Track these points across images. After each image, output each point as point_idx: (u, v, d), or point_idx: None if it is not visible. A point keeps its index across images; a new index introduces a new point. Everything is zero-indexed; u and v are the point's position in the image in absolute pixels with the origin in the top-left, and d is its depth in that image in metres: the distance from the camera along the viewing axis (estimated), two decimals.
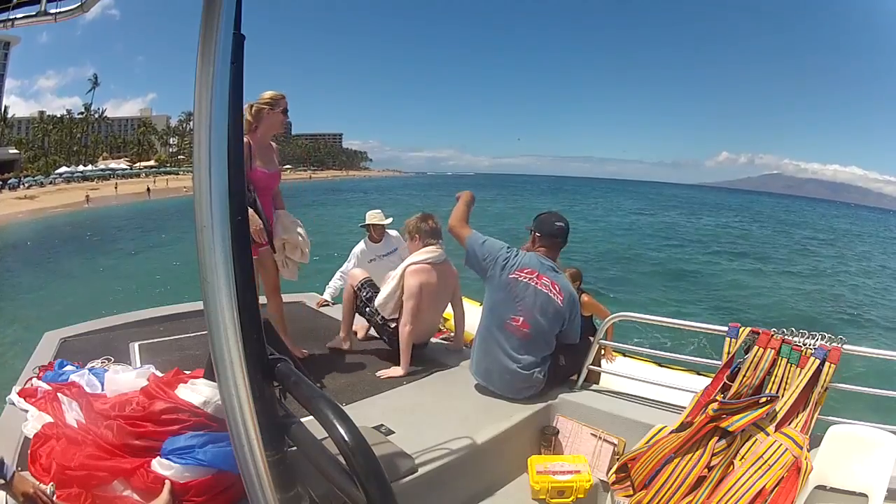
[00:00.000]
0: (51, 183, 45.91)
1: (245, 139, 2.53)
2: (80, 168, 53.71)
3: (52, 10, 1.37)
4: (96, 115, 65.58)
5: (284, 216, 2.85)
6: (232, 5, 0.78)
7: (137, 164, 62.43)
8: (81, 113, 64.41)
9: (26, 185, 43.37)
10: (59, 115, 62.57)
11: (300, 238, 2.84)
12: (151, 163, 64.50)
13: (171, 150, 70.80)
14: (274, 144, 2.87)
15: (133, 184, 50.65)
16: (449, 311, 5.04)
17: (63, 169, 51.66)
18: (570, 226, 2.59)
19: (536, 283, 2.45)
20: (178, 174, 58.72)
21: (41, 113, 61.90)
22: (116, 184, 49.23)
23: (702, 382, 2.10)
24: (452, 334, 3.56)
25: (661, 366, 3.97)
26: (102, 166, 56.75)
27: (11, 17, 1.38)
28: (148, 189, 46.28)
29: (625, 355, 3.88)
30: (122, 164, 59.63)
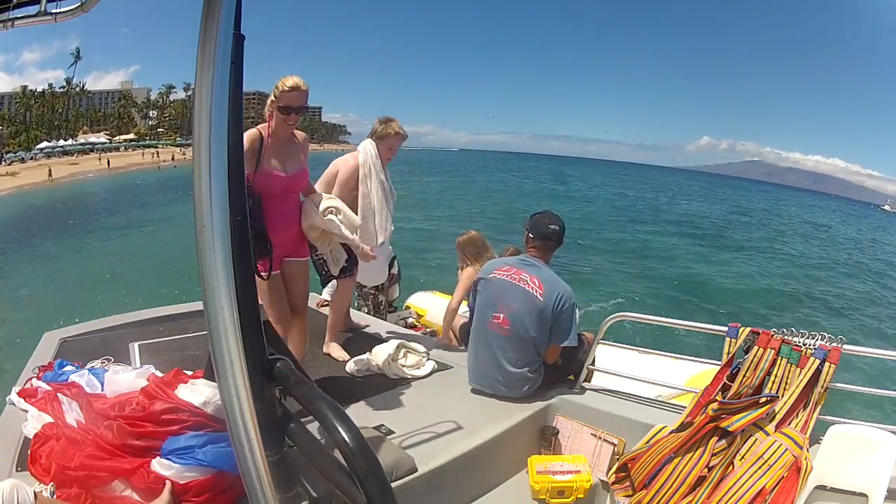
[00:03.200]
0: (32, 158, 45.85)
1: (256, 131, 2.22)
2: (61, 143, 53.42)
3: (53, 10, 1.37)
4: (77, 89, 64.85)
5: (306, 203, 2.43)
6: (232, 5, 0.78)
7: (117, 138, 62.08)
8: (63, 87, 63.72)
9: (8, 161, 43.24)
10: (40, 90, 61.99)
11: (328, 221, 2.39)
12: (131, 136, 64.03)
13: (150, 122, 70.05)
14: (300, 136, 2.41)
15: (110, 158, 50.99)
16: (422, 306, 4.95)
17: (44, 144, 51.37)
18: (565, 227, 2.57)
19: (515, 280, 2.44)
20: (156, 147, 58.94)
21: (24, 87, 61.26)
22: (100, 157, 49.88)
23: (693, 367, 2.09)
24: (429, 330, 3.53)
25: (644, 352, 3.94)
26: (82, 140, 56.50)
27: (11, 17, 1.38)
28: (108, 162, 47.38)
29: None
30: (101, 138, 59.27)
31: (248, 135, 2.17)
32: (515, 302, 2.40)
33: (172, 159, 51.32)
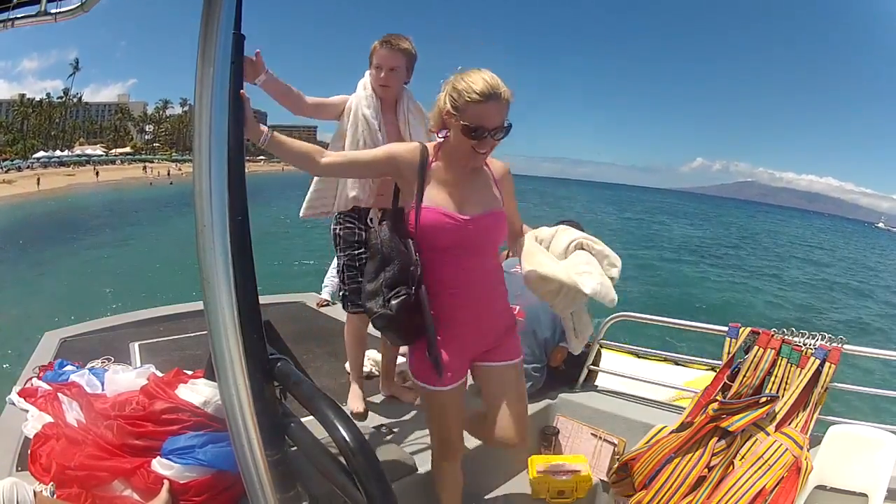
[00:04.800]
0: (28, 167, 46.48)
1: (419, 146, 1.49)
2: (57, 153, 53.95)
3: (53, 10, 1.36)
4: (75, 100, 65.24)
5: (528, 242, 1.56)
6: (232, 5, 0.78)
7: (113, 151, 62.69)
8: (61, 97, 64.08)
9: (5, 169, 43.74)
10: (38, 99, 62.36)
11: (574, 262, 1.46)
12: (127, 150, 64.71)
13: (146, 137, 70.51)
14: (497, 166, 1.55)
15: (106, 171, 51.62)
16: None
17: (41, 154, 52.01)
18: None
19: None
20: (152, 161, 59.66)
21: (21, 96, 61.65)
22: (96, 169, 50.77)
23: (693, 373, 2.09)
24: None
25: (647, 360, 3.94)
26: (79, 152, 57.01)
27: (11, 17, 1.38)
28: (97, 173, 48.36)
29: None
30: (97, 151, 59.81)
31: (405, 149, 1.49)
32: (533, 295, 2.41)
33: (168, 174, 51.76)
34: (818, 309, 13.87)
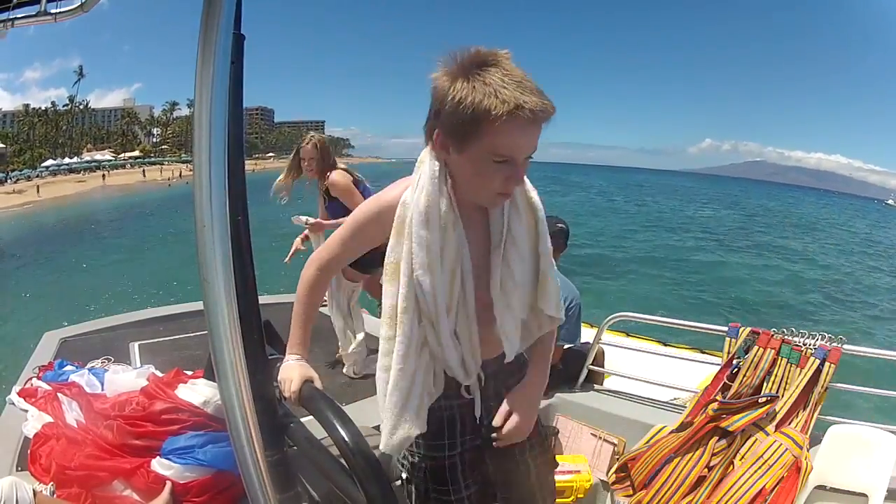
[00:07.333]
0: (38, 176, 46.88)
1: None
2: (66, 161, 54.46)
3: (53, 10, 1.36)
4: (81, 107, 65.92)
5: None
6: (232, 5, 0.78)
7: (122, 155, 63.30)
8: (66, 105, 64.73)
9: (14, 179, 43.93)
10: (43, 108, 62.99)
11: None
12: (136, 153, 65.46)
13: (153, 140, 71.30)
14: None
15: (116, 175, 52.39)
16: None
17: (49, 162, 52.50)
18: (569, 228, 2.56)
19: None
20: (161, 164, 60.41)
21: (26, 106, 62.23)
22: (106, 174, 51.66)
23: (698, 369, 2.08)
24: None
25: (666, 344, 3.93)
26: (88, 158, 57.61)
27: (11, 17, 1.37)
28: (103, 177, 49.51)
29: (628, 335, 3.86)
30: (106, 156, 60.42)
31: None
32: None
33: (180, 176, 52.29)
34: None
